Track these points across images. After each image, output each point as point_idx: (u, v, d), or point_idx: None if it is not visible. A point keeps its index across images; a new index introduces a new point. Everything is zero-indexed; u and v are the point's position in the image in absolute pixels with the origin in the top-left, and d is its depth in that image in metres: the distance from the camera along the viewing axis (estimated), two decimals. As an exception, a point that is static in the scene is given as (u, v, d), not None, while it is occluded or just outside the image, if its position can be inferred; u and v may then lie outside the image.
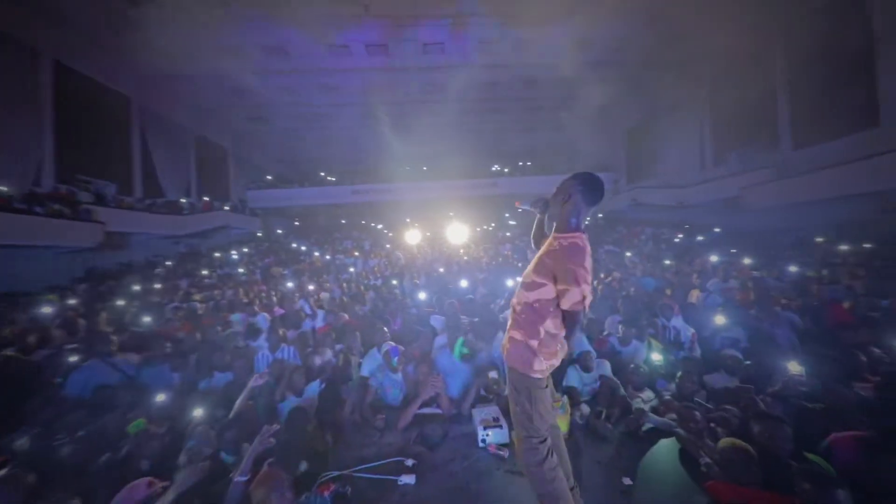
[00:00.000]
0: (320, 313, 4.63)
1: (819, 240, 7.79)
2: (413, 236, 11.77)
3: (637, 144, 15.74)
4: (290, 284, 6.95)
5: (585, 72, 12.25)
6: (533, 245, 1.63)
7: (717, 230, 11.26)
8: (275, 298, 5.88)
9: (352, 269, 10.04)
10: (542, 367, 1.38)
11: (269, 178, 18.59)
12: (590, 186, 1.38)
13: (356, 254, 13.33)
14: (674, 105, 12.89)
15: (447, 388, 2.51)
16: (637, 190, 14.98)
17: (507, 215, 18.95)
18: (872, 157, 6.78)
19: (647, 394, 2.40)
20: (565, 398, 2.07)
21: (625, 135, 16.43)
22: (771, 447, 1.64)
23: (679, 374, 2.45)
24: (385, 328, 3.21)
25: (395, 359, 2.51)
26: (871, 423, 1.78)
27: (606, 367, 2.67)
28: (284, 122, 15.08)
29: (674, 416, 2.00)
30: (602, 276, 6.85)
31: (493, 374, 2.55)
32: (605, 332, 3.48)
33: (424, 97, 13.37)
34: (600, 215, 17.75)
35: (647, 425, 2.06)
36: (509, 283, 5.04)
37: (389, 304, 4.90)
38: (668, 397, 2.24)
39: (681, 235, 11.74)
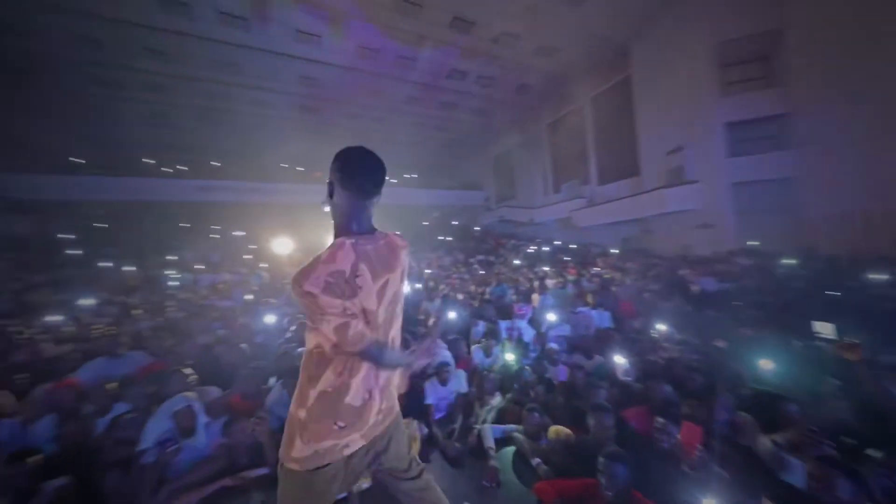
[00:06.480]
0: (133, 355, 3.24)
1: (613, 251, 10.74)
2: (283, 245, 10.16)
3: (502, 169, 18.40)
4: (50, 318, 4.70)
5: (459, 99, 13.61)
6: None
7: (557, 243, 14.17)
8: (38, 339, 3.88)
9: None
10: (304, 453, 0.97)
11: (53, 158, 12.83)
12: (349, 169, 0.98)
13: (199, 267, 10.58)
14: (525, 141, 15.76)
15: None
16: (503, 208, 17.46)
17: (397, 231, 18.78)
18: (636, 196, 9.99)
19: (496, 399, 2.56)
20: (414, 422, 1.92)
21: (493, 160, 18.94)
22: (599, 435, 1.87)
23: (520, 375, 2.67)
24: (187, 371, 2.32)
25: (202, 419, 1.76)
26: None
27: (462, 379, 2.67)
28: (77, 84, 10.77)
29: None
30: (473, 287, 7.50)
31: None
32: (478, 340, 3.62)
33: (298, 90, 12.00)
34: (476, 228, 19.76)
35: (490, 437, 2.09)
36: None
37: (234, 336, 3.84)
38: (506, 404, 2.40)
39: (533, 247, 14.16)
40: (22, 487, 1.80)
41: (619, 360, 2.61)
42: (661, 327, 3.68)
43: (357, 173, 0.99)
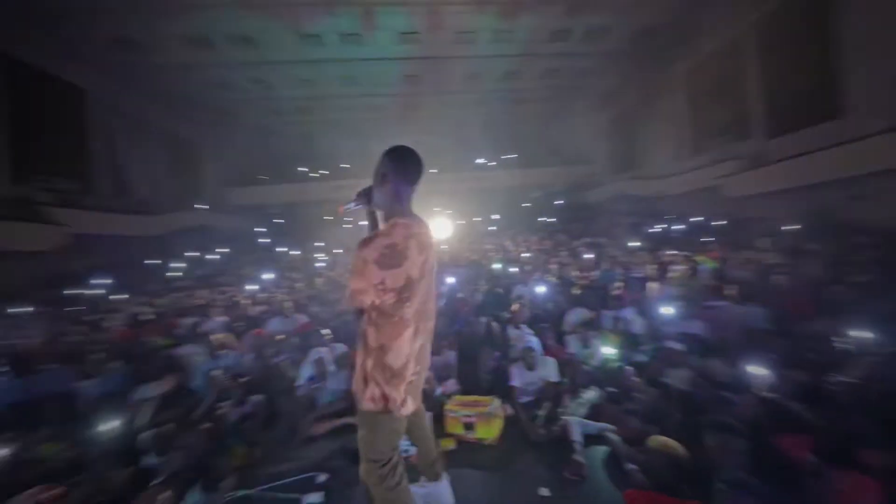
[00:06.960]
0: (296, 316, 4.44)
1: (785, 228, 7.89)
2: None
3: (619, 135, 15.77)
4: (251, 287, 6.74)
5: (563, 63, 12.19)
6: None
7: (695, 220, 11.35)
8: (244, 301, 5.69)
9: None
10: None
11: (249, 174, 18.04)
12: (401, 161, 1.27)
13: (337, 251, 13.07)
14: (651, 96, 12.96)
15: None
16: (620, 181, 15.06)
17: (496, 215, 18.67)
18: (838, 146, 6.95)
19: (590, 393, 2.31)
20: (496, 401, 1.94)
21: (605, 127, 16.42)
22: (720, 460, 1.53)
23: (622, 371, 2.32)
24: (325, 332, 3.00)
25: (331, 368, 2.34)
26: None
27: (551, 368, 2.52)
28: (259, 117, 14.57)
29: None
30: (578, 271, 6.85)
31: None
32: (573, 328, 3.34)
33: (403, 90, 13.07)
34: (584, 207, 17.77)
35: (579, 432, 1.93)
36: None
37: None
38: (601, 401, 2.12)
39: (661, 226, 11.77)
40: (238, 397, 2.72)
41: (757, 370, 1.94)
42: (860, 334, 2.55)
43: (407, 164, 1.27)
